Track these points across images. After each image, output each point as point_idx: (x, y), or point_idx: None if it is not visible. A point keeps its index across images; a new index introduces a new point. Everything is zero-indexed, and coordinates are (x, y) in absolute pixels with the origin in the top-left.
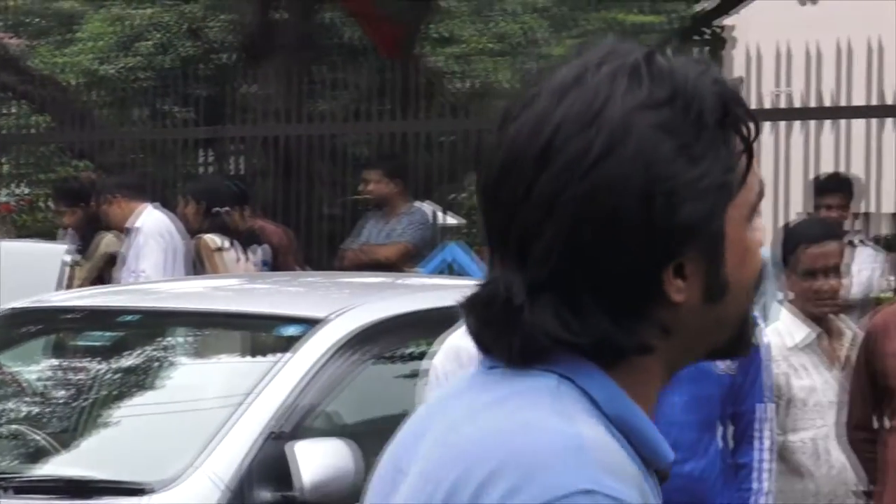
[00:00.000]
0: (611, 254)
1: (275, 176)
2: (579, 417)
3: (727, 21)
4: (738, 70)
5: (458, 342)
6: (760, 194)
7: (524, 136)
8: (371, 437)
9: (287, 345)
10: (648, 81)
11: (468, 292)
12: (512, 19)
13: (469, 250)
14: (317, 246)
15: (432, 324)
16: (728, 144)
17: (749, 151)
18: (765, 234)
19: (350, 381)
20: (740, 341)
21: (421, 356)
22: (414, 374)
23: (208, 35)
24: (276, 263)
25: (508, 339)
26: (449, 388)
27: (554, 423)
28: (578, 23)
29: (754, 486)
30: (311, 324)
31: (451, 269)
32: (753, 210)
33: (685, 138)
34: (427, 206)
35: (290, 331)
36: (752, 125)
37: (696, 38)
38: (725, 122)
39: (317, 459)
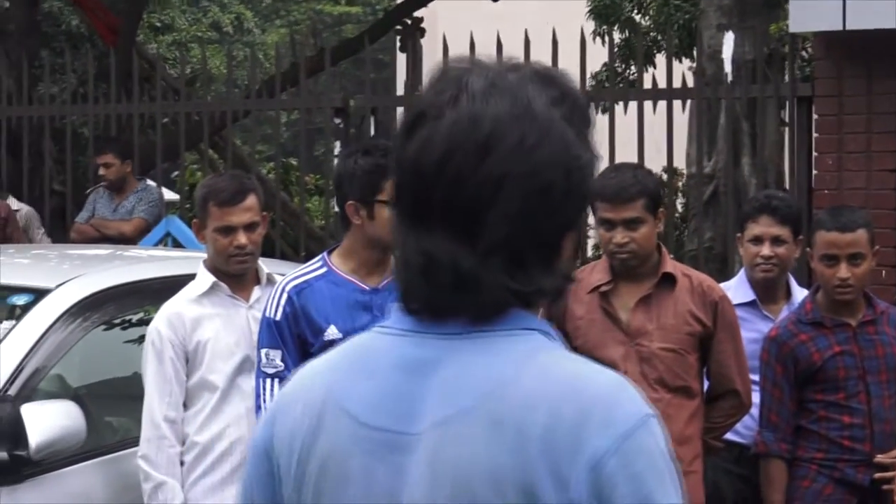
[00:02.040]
0: (548, 218)
1: (6, 155)
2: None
3: (418, 13)
4: (430, 56)
5: (177, 309)
6: None
7: (463, 130)
8: (96, 398)
9: (16, 313)
10: (546, 86)
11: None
12: (224, 10)
13: (186, 223)
14: (47, 220)
15: (153, 292)
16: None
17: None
18: None
19: (76, 347)
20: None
21: (143, 322)
22: (136, 339)
23: None
24: (3, 235)
25: (472, 299)
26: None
27: (591, 369)
28: (285, 13)
29: None
30: (39, 293)
31: (174, 242)
32: None
33: (579, 128)
34: (153, 184)
35: (20, 300)
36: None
37: (398, 27)
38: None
39: (44, 420)
